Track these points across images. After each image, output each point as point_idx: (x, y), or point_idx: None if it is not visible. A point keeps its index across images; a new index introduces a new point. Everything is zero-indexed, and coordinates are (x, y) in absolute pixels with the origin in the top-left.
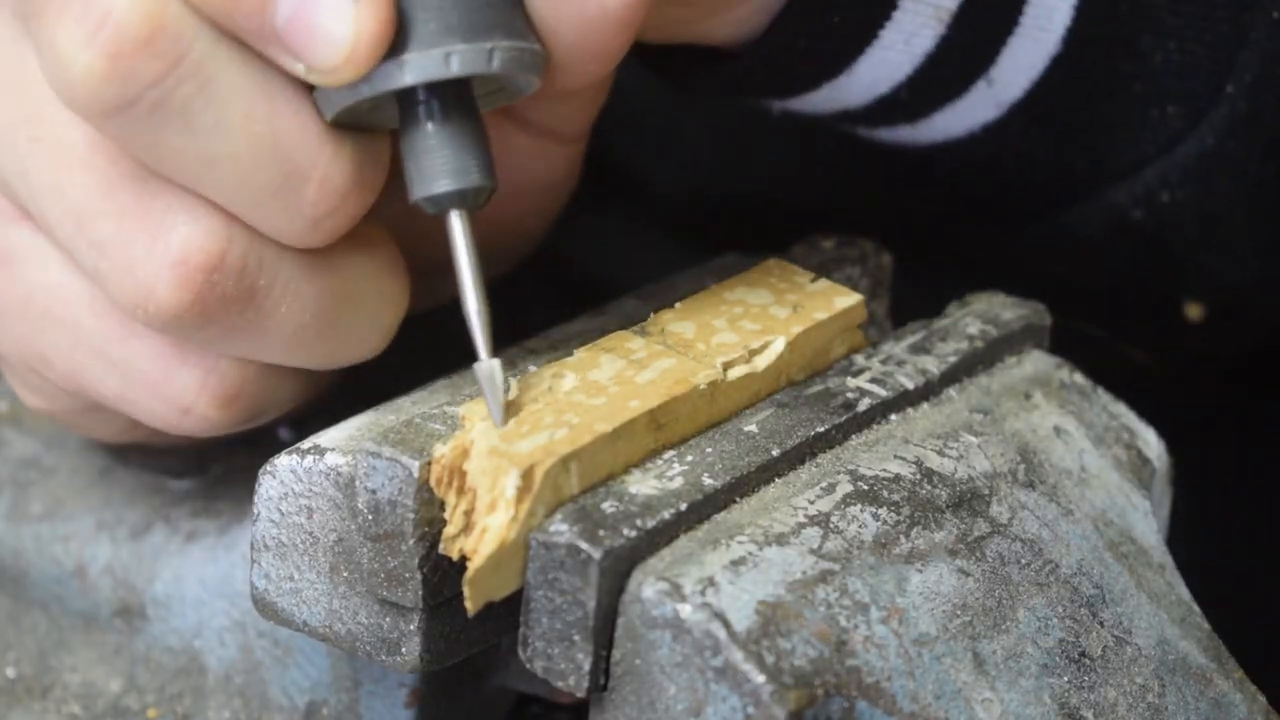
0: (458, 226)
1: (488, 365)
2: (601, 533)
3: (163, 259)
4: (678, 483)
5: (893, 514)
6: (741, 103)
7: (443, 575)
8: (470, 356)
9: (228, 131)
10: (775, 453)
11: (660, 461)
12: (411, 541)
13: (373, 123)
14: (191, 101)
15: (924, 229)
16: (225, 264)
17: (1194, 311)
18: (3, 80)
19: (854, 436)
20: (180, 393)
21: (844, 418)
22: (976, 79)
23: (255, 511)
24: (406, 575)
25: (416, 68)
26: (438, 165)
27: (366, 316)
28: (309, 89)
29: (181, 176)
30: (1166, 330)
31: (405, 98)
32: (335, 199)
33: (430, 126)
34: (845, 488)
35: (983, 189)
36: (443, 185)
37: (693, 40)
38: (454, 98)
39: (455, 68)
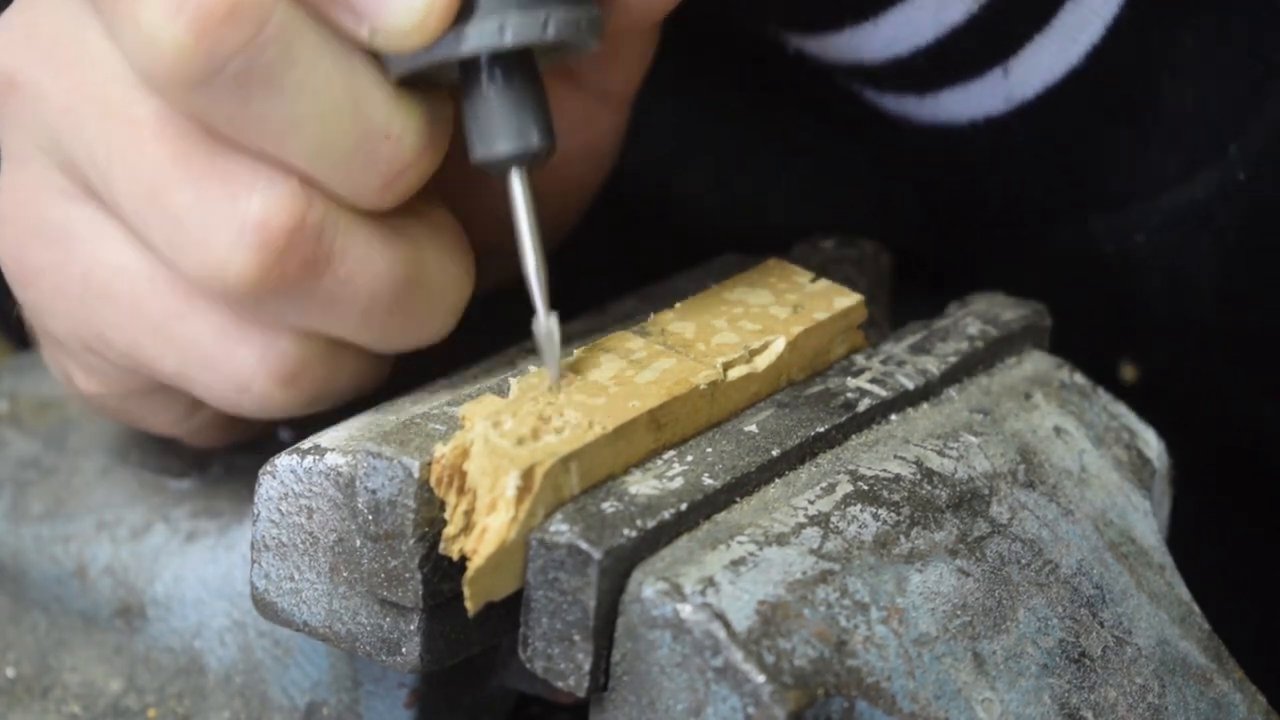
0: (518, 185)
1: (545, 323)
2: (601, 533)
3: (243, 222)
4: (678, 483)
5: (893, 514)
6: (760, 37)
7: (443, 575)
8: (472, 358)
9: (308, 96)
10: (775, 453)
11: (660, 461)
12: (411, 541)
13: (437, 80)
14: (273, 68)
15: (896, 227)
16: (305, 225)
17: (1129, 373)
18: (64, 59)
19: (854, 437)
20: (239, 369)
21: (844, 418)
22: (994, 65)
23: (255, 511)
24: (406, 575)
25: (473, 37)
26: (498, 127)
27: (434, 294)
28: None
29: (260, 143)
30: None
31: (466, 62)
32: (409, 156)
33: (491, 90)
34: (845, 488)
35: (967, 187)
36: (503, 147)
37: None
38: (514, 62)
39: (510, 38)
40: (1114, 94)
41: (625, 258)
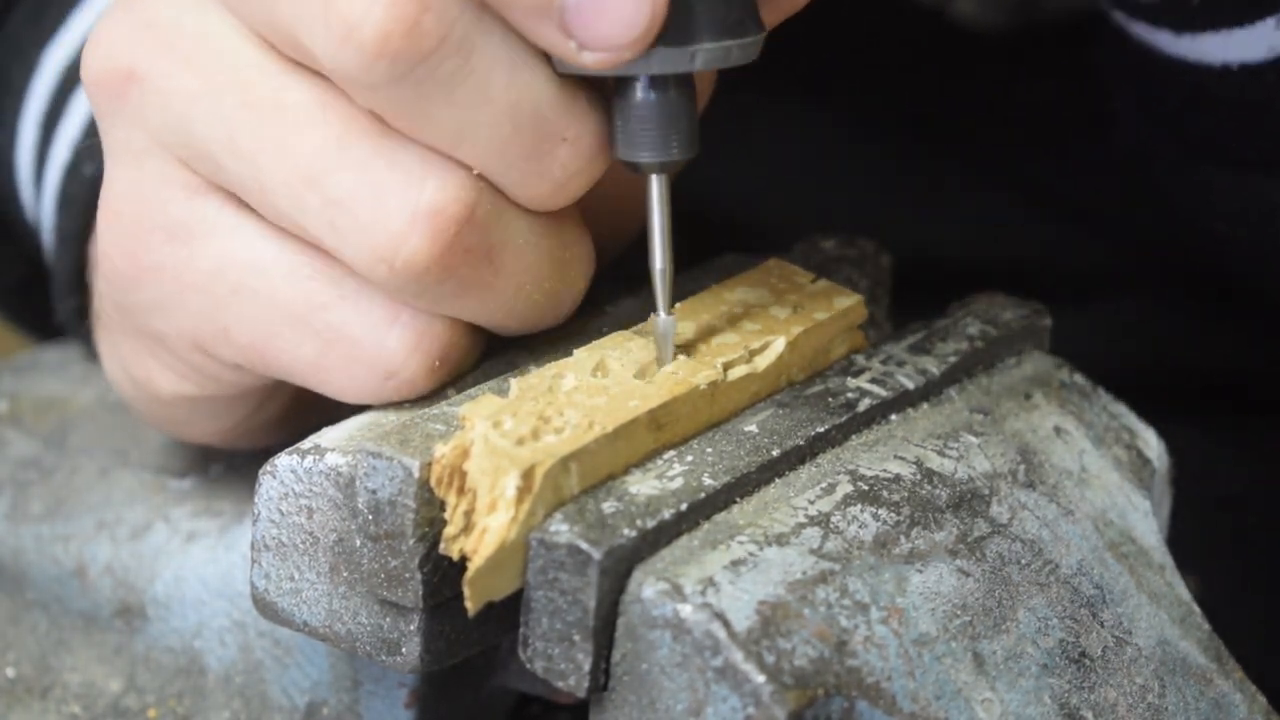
0: (655, 189)
1: (664, 321)
2: (601, 533)
3: (416, 208)
4: (678, 483)
5: (893, 514)
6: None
7: (443, 575)
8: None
9: (490, 97)
10: (775, 453)
11: (660, 461)
12: (411, 541)
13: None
14: (458, 70)
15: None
16: (475, 217)
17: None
18: (190, 50)
19: (854, 437)
20: (390, 355)
21: (844, 418)
22: (1270, 15)
23: (255, 511)
24: (406, 575)
25: (664, 60)
26: (649, 134)
27: (570, 280)
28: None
29: (438, 141)
30: (1198, 311)
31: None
32: (584, 160)
33: (644, 101)
34: (845, 488)
35: (1225, 132)
36: (646, 156)
37: None
38: (675, 78)
39: (699, 64)
40: None
41: (626, 258)
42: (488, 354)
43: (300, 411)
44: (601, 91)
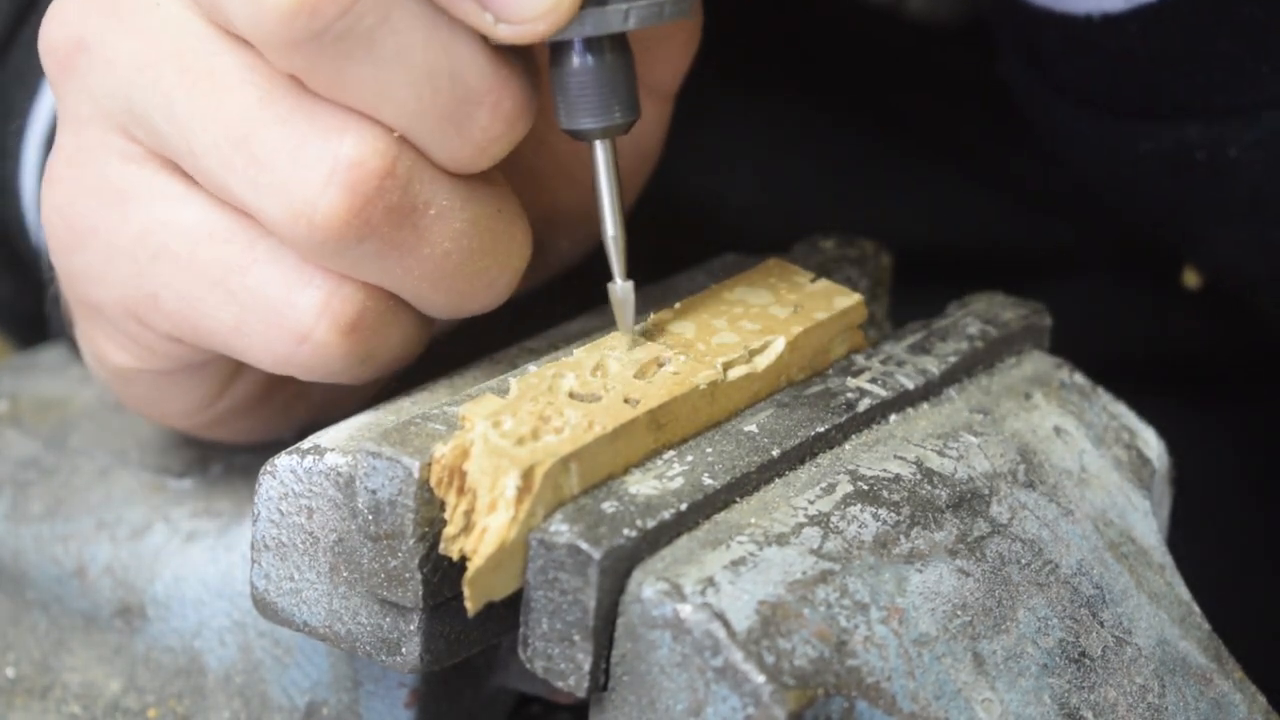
0: (601, 156)
1: (622, 287)
2: (601, 533)
3: (335, 162)
4: (678, 483)
5: (893, 514)
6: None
7: (443, 575)
8: (471, 358)
9: (407, 61)
10: (775, 453)
11: (660, 461)
12: (411, 541)
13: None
14: (374, 32)
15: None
16: (396, 173)
17: (1191, 279)
18: (135, 21)
19: (854, 436)
20: (301, 316)
21: (844, 418)
22: None
23: (255, 511)
24: (406, 575)
25: (596, 21)
26: (589, 100)
27: (499, 258)
28: None
29: (357, 103)
30: (1160, 291)
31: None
32: (505, 123)
33: (586, 64)
34: (845, 488)
35: (1068, 79)
36: (588, 123)
37: None
38: (613, 40)
39: (633, 22)
40: (1230, 7)
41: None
42: (487, 354)
43: (282, 402)
44: (527, 53)
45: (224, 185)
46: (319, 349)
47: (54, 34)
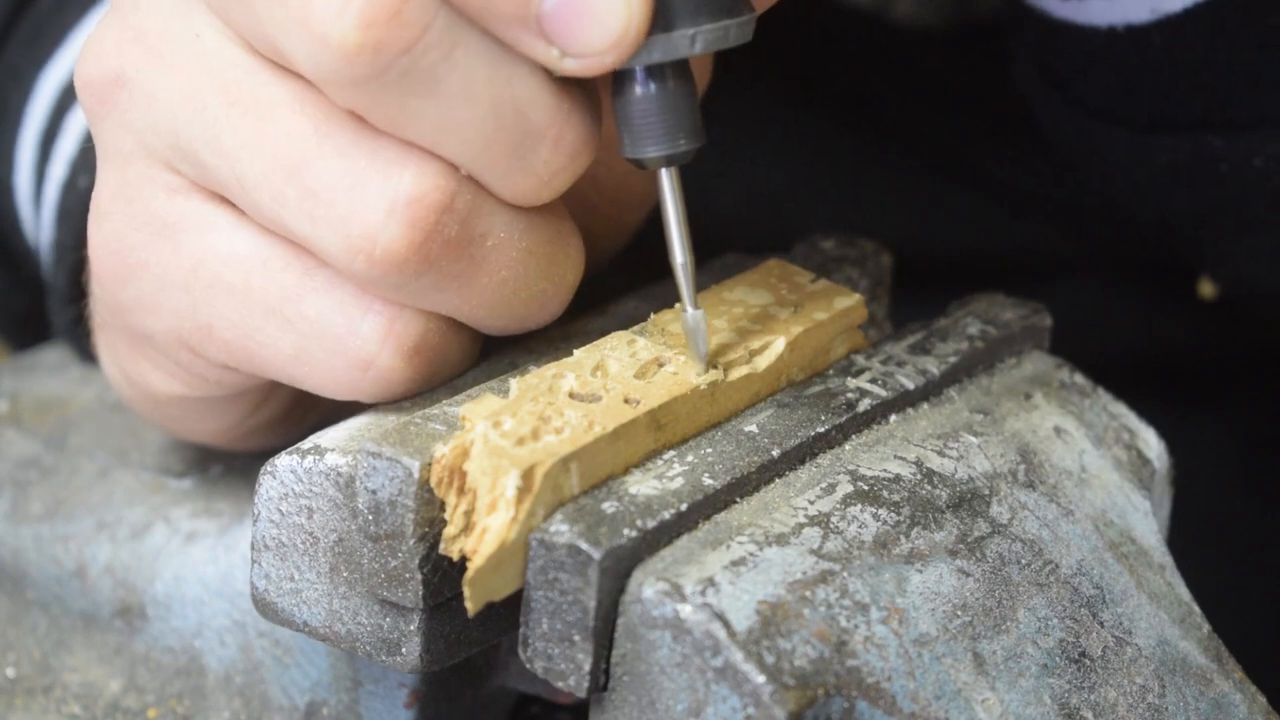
0: (666, 184)
1: (693, 315)
2: (601, 533)
3: (395, 197)
4: (678, 483)
5: (893, 514)
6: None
7: (443, 575)
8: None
9: (470, 96)
10: (775, 453)
11: (660, 461)
12: (411, 541)
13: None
14: (437, 68)
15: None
16: (455, 206)
17: (1207, 289)
18: (177, 55)
19: (854, 437)
20: (363, 344)
21: (844, 418)
22: None
23: (255, 511)
24: (406, 575)
25: (664, 49)
26: (650, 131)
27: (556, 278)
28: None
29: (418, 138)
30: (1161, 293)
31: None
32: (568, 157)
33: (645, 94)
34: (845, 488)
35: (1091, 91)
36: (653, 151)
37: None
38: (673, 68)
39: (699, 47)
40: (1257, 18)
41: (626, 258)
42: (487, 354)
43: (300, 413)
44: (589, 84)
45: (276, 217)
46: (383, 374)
47: (91, 70)
